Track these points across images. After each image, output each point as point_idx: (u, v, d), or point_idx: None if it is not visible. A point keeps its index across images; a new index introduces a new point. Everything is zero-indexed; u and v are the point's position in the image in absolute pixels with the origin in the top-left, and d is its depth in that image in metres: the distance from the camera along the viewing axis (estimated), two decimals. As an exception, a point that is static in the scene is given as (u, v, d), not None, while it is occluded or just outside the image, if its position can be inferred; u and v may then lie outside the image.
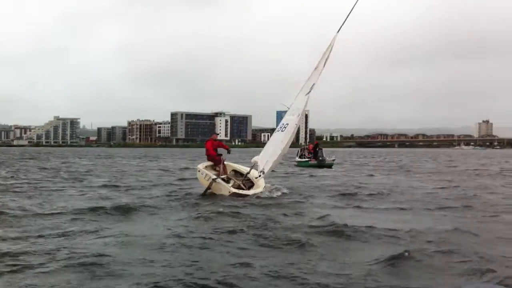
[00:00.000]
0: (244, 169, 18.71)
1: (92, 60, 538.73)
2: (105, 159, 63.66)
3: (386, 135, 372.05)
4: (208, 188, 16.72)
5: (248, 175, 18.11)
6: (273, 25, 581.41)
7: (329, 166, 40.59)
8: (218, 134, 20.34)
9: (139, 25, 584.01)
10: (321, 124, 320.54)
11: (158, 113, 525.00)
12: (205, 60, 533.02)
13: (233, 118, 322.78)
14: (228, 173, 18.22)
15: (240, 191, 16.67)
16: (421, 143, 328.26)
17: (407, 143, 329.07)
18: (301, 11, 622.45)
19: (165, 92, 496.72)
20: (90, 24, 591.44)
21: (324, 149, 45.55)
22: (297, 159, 44.10)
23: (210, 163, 18.25)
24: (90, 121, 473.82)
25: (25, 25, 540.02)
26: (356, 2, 18.27)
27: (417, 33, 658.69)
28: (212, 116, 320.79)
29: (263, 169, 17.84)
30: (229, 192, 16.40)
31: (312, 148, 43.57)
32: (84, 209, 13.09)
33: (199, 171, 17.62)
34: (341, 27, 18.30)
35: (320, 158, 41.45)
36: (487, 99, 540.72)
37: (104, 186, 20.97)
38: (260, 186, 17.41)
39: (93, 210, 12.97)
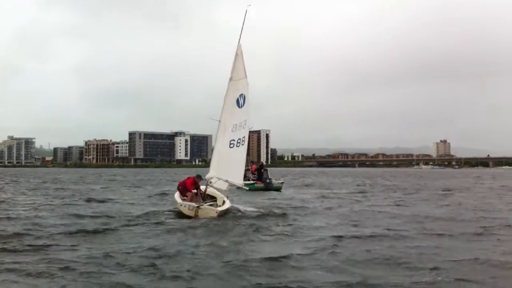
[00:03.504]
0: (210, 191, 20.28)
1: (49, 79, 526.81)
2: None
3: (347, 155, 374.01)
4: (196, 215, 17.78)
5: (209, 192, 20.00)
6: (232, 41, 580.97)
7: (277, 189, 37.67)
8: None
9: (96, 45, 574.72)
10: (282, 144, 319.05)
11: (117, 133, 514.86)
12: (165, 80, 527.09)
13: (193, 137, 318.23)
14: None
15: (223, 208, 18.63)
16: (381, 163, 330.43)
17: (367, 163, 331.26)
18: (265, 33, 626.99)
19: (124, 112, 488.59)
20: (47, 43, 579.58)
21: (269, 169, 42.78)
22: None
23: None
24: (47, 141, 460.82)
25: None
26: (246, 12, 20.20)
27: (377, 56, 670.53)
28: (172, 136, 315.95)
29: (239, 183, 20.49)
30: (217, 212, 18.04)
31: (255, 170, 40.48)
32: None
33: (181, 205, 18.62)
34: (240, 37, 19.88)
35: (267, 181, 38.48)
36: (444, 121, 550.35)
37: None
38: (223, 198, 19.83)
39: None
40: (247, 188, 20.51)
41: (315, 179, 68.81)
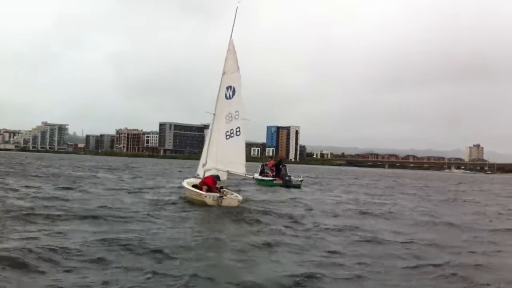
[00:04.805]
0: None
1: (84, 67, 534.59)
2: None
3: (377, 155, 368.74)
4: (219, 205, 19.62)
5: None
6: (270, 38, 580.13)
7: (297, 186, 36.83)
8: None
9: (130, 34, 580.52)
10: (312, 141, 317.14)
11: (147, 123, 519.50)
12: (197, 71, 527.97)
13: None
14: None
15: (241, 198, 20.65)
16: (411, 165, 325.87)
17: (397, 164, 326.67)
18: (300, 24, 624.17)
19: (155, 102, 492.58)
20: (82, 31, 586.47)
21: (287, 166, 42.02)
22: (257, 176, 37.90)
23: (195, 182, 22.19)
24: (81, 128, 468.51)
25: (16, 29, 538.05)
26: (237, 10, 22.06)
27: (410, 55, 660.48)
28: (201, 128, 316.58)
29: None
30: (239, 201, 20.15)
31: (273, 165, 39.70)
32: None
33: (205, 196, 20.05)
34: (232, 33, 21.62)
35: (286, 178, 37.49)
36: (477, 124, 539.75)
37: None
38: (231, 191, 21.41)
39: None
40: (252, 177, 22.08)
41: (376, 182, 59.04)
